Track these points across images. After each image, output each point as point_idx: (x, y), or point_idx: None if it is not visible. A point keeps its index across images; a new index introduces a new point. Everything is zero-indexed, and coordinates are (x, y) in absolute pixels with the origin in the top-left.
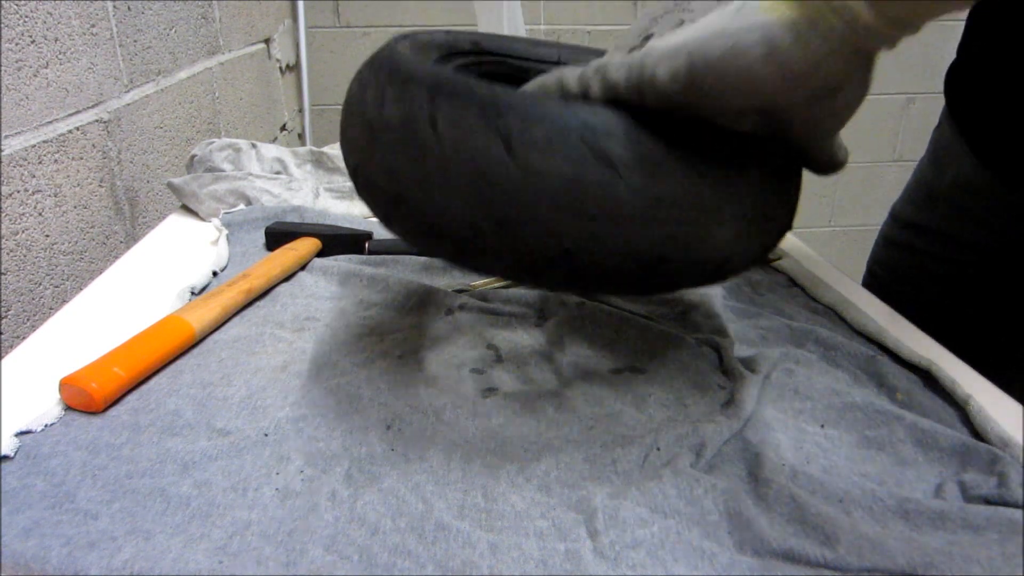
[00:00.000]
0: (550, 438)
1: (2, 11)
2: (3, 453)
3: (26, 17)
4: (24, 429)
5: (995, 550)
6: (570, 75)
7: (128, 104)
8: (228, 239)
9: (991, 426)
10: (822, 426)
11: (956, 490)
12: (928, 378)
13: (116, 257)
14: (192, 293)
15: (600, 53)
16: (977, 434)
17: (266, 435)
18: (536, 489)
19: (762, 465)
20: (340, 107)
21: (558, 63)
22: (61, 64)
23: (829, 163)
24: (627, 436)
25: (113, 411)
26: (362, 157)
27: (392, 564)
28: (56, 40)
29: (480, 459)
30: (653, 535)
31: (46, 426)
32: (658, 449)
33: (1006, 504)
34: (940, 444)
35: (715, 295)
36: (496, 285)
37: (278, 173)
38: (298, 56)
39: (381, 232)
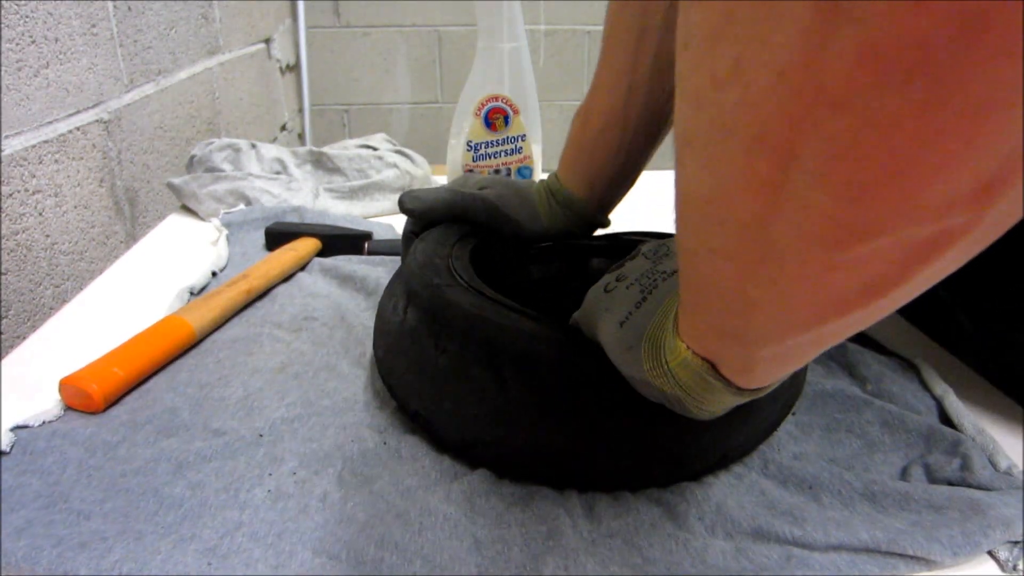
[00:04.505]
0: None
1: (2, 11)
2: (1, 448)
3: (26, 17)
4: (21, 423)
5: (956, 528)
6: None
7: (128, 104)
8: (228, 239)
9: (966, 419)
10: (793, 413)
11: (921, 472)
12: (906, 370)
13: (116, 257)
14: (191, 293)
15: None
16: (952, 425)
17: (261, 435)
18: (514, 484)
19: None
20: (340, 107)
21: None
22: (61, 64)
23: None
24: None
25: (111, 409)
26: (424, 405)
27: (380, 559)
28: (56, 40)
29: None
30: (627, 524)
31: (44, 423)
32: None
33: (968, 486)
34: (907, 426)
35: None
36: None
37: (278, 173)
38: (298, 56)
39: (381, 232)
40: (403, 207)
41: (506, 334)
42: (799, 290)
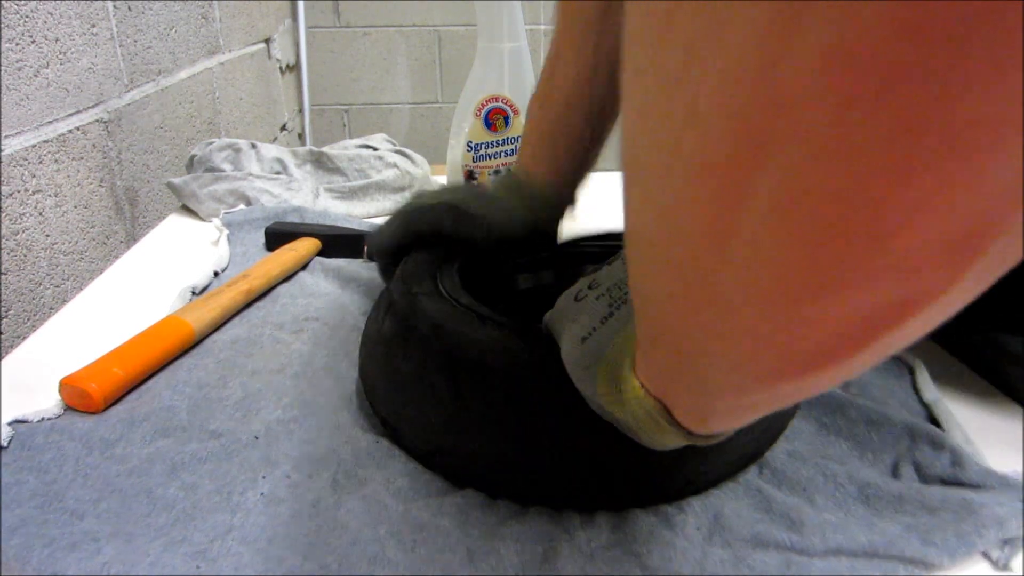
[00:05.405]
0: None
1: (2, 11)
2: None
3: (26, 17)
4: (20, 418)
5: (950, 531)
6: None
7: (128, 104)
8: (228, 239)
9: (956, 430)
10: None
11: (912, 470)
12: (897, 376)
13: (116, 257)
14: (193, 293)
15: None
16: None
17: (256, 438)
18: (508, 501)
19: None
20: (340, 107)
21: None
22: (61, 64)
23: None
24: None
25: (110, 408)
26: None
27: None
28: (56, 40)
29: None
30: (626, 535)
31: (43, 419)
32: None
33: (960, 483)
34: (892, 420)
35: None
36: None
37: (278, 173)
38: (298, 56)
39: None
40: (370, 249)
41: (463, 342)
42: (751, 347)
